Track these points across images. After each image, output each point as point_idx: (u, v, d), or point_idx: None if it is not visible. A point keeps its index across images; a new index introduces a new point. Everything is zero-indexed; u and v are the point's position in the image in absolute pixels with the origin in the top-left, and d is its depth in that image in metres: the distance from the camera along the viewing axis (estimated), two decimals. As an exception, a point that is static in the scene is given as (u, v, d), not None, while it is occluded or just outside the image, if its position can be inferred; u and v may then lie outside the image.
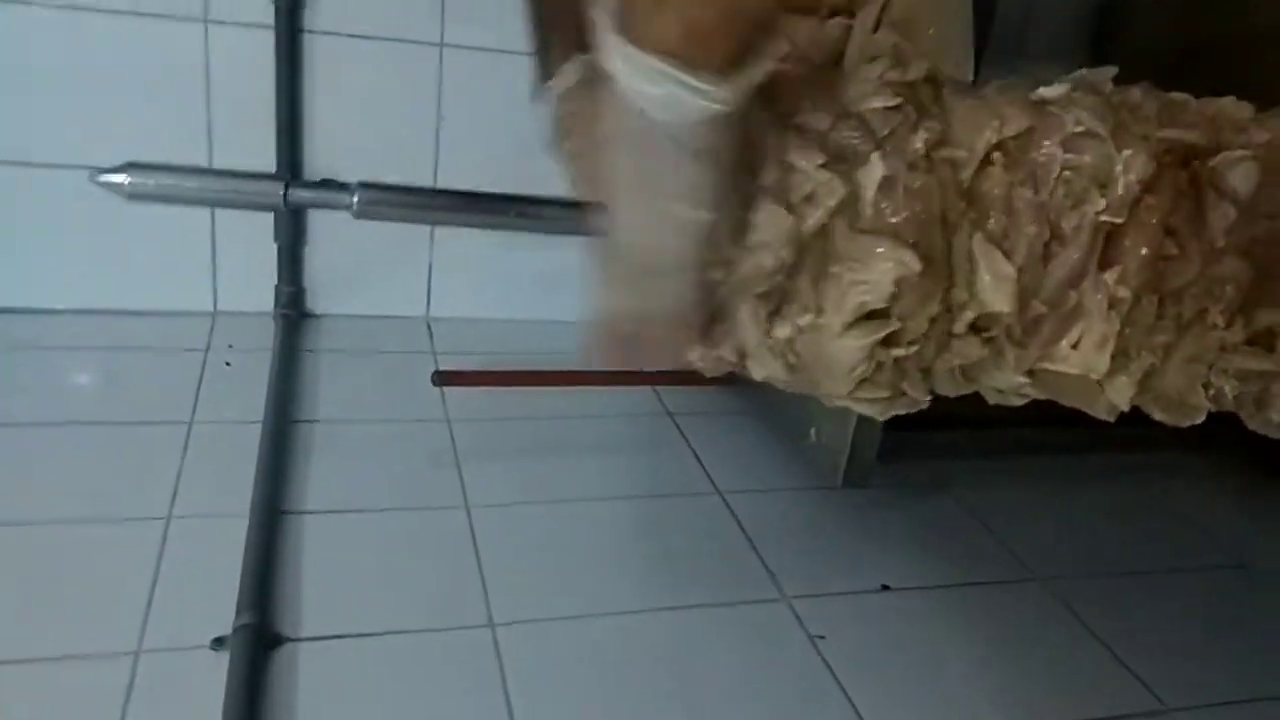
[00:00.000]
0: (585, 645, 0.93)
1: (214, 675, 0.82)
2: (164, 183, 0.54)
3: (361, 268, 1.48)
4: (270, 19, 1.29)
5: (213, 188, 0.56)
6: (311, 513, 1.05)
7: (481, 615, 0.94)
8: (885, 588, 1.06)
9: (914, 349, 0.54)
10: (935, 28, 0.79)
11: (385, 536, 1.04)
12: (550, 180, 1.45)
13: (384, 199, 0.58)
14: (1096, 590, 1.10)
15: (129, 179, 0.54)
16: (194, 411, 1.20)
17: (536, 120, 1.49)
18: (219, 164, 1.35)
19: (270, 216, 1.41)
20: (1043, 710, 0.92)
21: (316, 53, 1.34)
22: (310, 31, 1.32)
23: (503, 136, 1.45)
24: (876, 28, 0.56)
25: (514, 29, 1.39)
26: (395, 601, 0.94)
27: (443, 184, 1.47)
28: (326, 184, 0.55)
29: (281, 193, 0.54)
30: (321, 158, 1.39)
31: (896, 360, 0.54)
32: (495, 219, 0.63)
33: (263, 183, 0.54)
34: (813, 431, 1.18)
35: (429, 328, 1.53)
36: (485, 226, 0.64)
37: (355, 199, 0.56)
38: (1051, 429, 1.30)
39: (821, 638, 0.97)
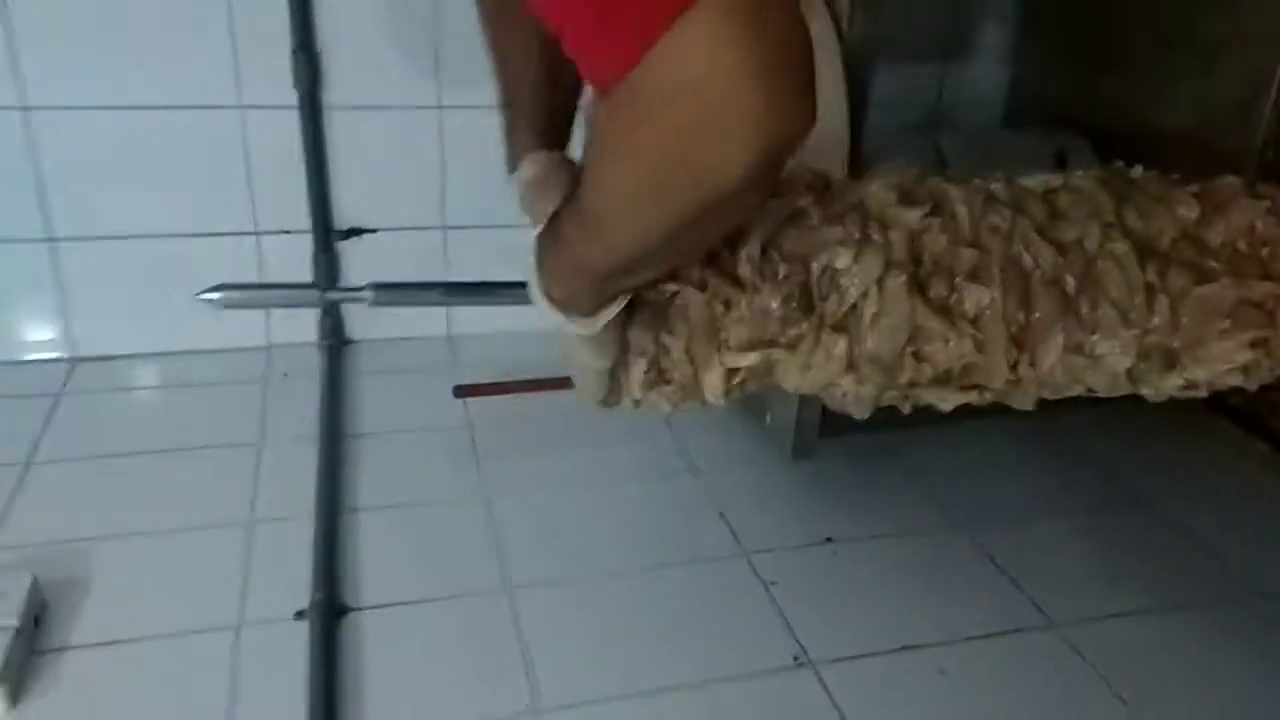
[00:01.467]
0: (587, 600, 1.18)
1: (298, 641, 1.08)
2: (243, 296, 0.79)
3: (388, 298, 1.73)
4: (294, 101, 1.55)
5: (277, 296, 0.80)
6: (362, 509, 1.31)
7: (500, 581, 1.19)
8: (829, 540, 1.29)
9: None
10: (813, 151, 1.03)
11: (420, 525, 1.29)
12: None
13: (392, 294, 0.82)
14: (1011, 534, 1.32)
15: (220, 295, 0.78)
16: (262, 433, 1.47)
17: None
18: (263, 225, 1.62)
19: (309, 260, 1.66)
20: (954, 628, 1.15)
21: (335, 124, 1.59)
22: (329, 107, 1.57)
23: (498, 177, 1.69)
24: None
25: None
26: (431, 575, 1.19)
27: (450, 223, 1.72)
28: (348, 288, 0.80)
29: (319, 295, 0.78)
30: (348, 210, 1.65)
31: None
32: (482, 299, 0.87)
33: (307, 290, 0.79)
34: (768, 415, 1.41)
35: (451, 344, 1.77)
36: (478, 305, 0.87)
37: (370, 295, 0.81)
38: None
39: (774, 583, 1.21)
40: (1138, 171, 0.92)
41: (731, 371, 0.81)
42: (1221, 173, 0.96)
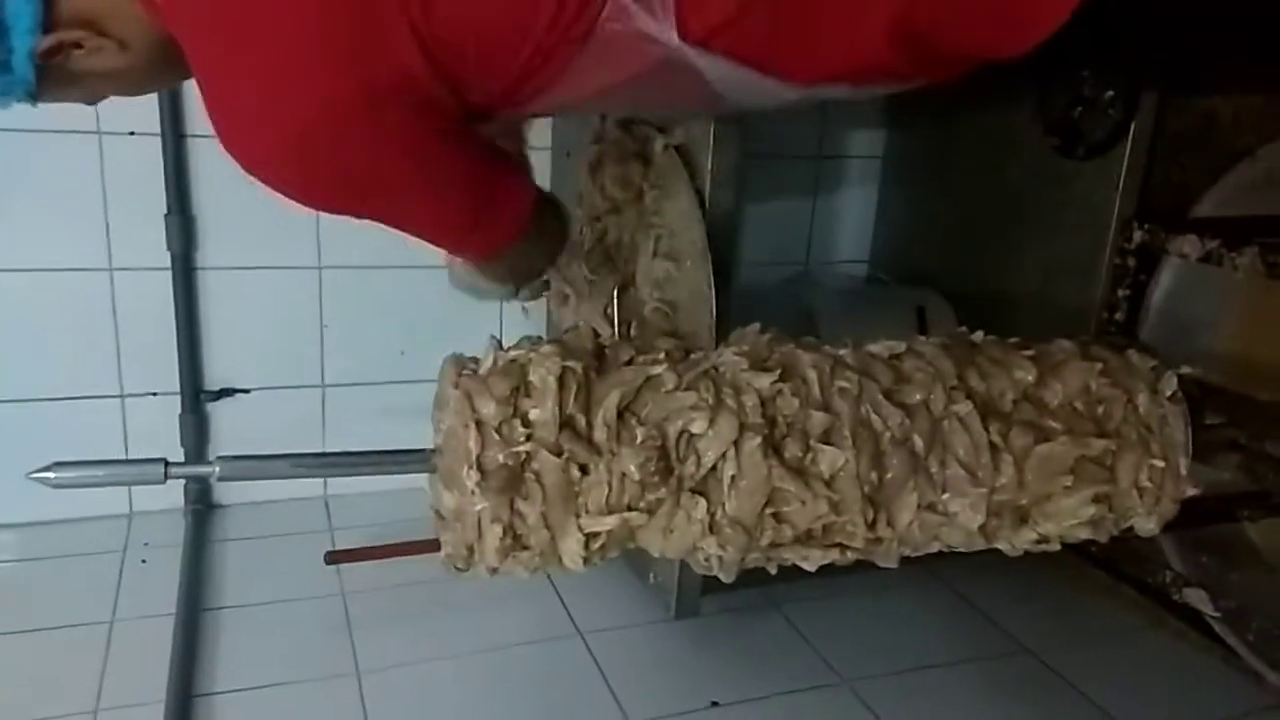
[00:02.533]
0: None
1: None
2: (78, 474, 0.75)
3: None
4: (167, 262, 1.53)
5: (113, 473, 0.77)
6: (220, 693, 1.22)
7: (367, 768, 1.12)
8: (714, 704, 1.26)
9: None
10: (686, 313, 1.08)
11: (283, 709, 1.21)
12: (418, 370, 1.67)
13: (239, 466, 0.79)
14: (894, 686, 1.31)
15: (54, 474, 0.74)
16: (114, 610, 1.37)
17: (401, 321, 1.73)
18: (129, 387, 1.57)
19: (176, 420, 1.60)
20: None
21: (209, 285, 1.57)
22: (203, 268, 1.56)
23: (379, 335, 1.69)
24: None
25: (379, 248, 1.65)
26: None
27: (330, 381, 1.69)
28: (192, 463, 0.77)
29: (162, 471, 0.75)
30: (221, 370, 1.61)
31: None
32: (337, 470, 0.85)
33: (147, 466, 0.75)
34: (651, 574, 1.40)
35: (327, 505, 1.71)
36: (332, 476, 0.85)
37: (216, 469, 0.78)
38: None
39: (658, 754, 1.17)
40: (979, 336, 0.98)
41: (591, 536, 0.80)
42: (1068, 329, 1.02)
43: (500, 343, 0.86)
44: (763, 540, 0.84)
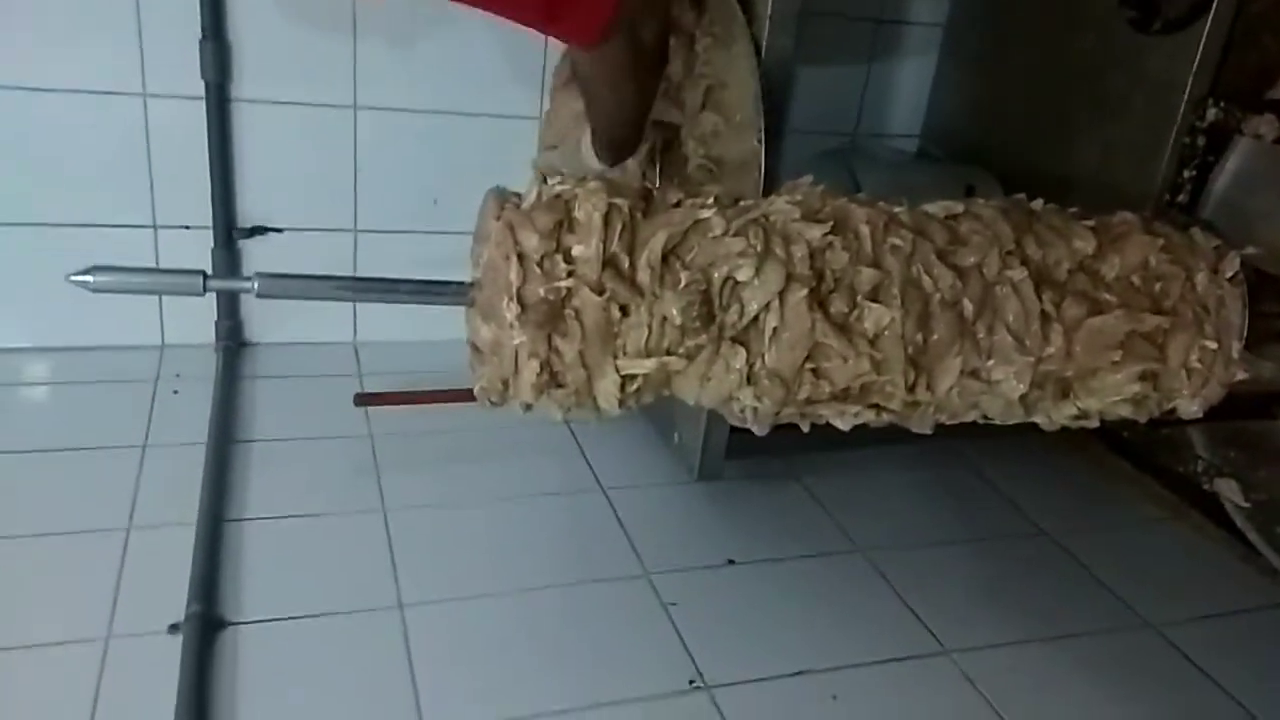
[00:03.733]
0: (482, 620, 1.14)
1: (171, 656, 1.02)
2: (117, 279, 0.74)
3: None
4: (200, 91, 1.49)
5: (153, 281, 0.76)
6: (249, 519, 1.25)
7: (392, 598, 1.15)
8: (731, 562, 1.28)
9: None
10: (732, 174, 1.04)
11: (311, 537, 1.24)
12: (450, 220, 1.65)
13: (277, 284, 0.78)
14: (909, 558, 1.33)
15: (93, 278, 0.74)
16: (147, 435, 1.40)
17: (436, 169, 1.71)
18: (161, 219, 1.55)
19: (209, 254, 1.60)
20: (849, 653, 1.14)
21: (243, 118, 1.54)
22: (238, 100, 1.52)
23: (413, 181, 1.67)
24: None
25: (416, 90, 1.61)
26: (320, 589, 1.14)
27: (362, 226, 1.67)
28: (233, 277, 0.76)
29: (201, 282, 0.74)
30: (254, 207, 1.59)
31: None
32: (377, 296, 0.83)
33: (186, 276, 0.74)
34: (676, 435, 1.40)
35: (356, 351, 1.72)
36: (369, 301, 0.84)
37: (255, 285, 0.77)
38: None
39: (674, 605, 1.19)
40: (1038, 204, 0.94)
41: (627, 379, 0.79)
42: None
43: (545, 179, 0.84)
44: (799, 395, 0.83)
